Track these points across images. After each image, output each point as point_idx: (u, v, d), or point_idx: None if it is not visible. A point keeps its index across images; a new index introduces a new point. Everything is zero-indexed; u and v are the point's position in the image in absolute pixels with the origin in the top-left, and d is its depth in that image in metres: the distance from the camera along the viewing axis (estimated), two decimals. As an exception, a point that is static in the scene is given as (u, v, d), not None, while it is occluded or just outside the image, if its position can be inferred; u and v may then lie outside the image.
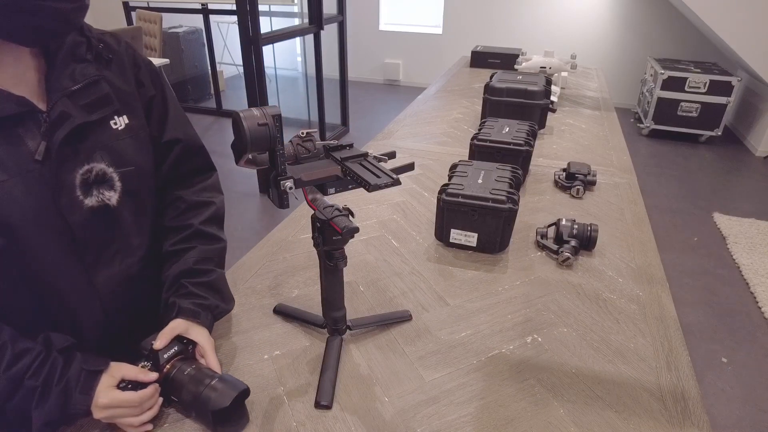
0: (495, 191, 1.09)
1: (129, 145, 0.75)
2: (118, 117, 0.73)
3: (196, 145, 0.90)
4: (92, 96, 0.69)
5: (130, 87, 0.76)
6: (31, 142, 0.63)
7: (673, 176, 3.92)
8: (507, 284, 1.04)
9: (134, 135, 0.76)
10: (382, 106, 5.57)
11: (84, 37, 0.70)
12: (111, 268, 0.76)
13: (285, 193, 0.69)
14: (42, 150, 0.63)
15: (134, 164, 0.76)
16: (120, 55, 0.76)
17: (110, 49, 0.74)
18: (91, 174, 0.69)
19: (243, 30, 2.96)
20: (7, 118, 0.61)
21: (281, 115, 0.67)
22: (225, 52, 6.17)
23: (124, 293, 0.78)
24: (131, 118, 0.75)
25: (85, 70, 0.69)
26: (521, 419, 0.73)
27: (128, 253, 0.78)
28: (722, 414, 1.87)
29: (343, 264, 0.76)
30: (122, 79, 0.75)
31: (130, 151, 0.75)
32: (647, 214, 1.34)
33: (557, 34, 5.53)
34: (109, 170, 0.71)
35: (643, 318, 0.95)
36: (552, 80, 2.01)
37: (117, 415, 0.66)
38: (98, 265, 0.74)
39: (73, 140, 0.67)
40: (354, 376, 0.80)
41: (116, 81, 0.74)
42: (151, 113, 0.81)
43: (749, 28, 3.96)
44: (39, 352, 0.64)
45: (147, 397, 0.67)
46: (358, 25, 6.15)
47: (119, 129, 0.73)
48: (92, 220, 0.71)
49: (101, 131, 0.71)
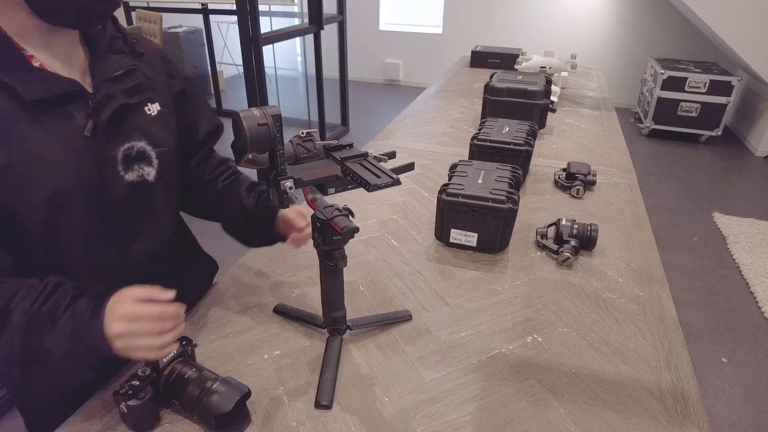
0: (495, 191, 1.09)
1: (160, 129, 0.81)
2: (151, 104, 0.80)
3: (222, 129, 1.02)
4: (130, 82, 0.76)
5: (160, 78, 0.84)
6: (81, 120, 0.69)
7: (673, 176, 3.92)
8: (507, 284, 1.04)
9: (164, 122, 0.82)
10: (382, 106, 5.57)
11: (120, 33, 0.78)
12: (141, 244, 0.81)
13: (285, 193, 0.69)
14: (90, 127, 0.69)
15: (167, 146, 0.82)
16: (150, 51, 0.84)
17: (142, 44, 0.82)
18: (133, 150, 0.76)
19: (243, 30, 2.96)
20: (61, 97, 0.67)
21: (281, 115, 0.67)
22: (225, 52, 6.17)
23: (149, 270, 0.82)
24: (162, 105, 0.82)
25: (122, 60, 0.76)
26: (521, 419, 0.73)
27: (158, 230, 0.84)
28: (722, 414, 1.87)
29: (343, 264, 0.76)
30: (153, 71, 0.82)
31: (161, 135, 0.81)
32: (647, 214, 1.34)
33: (557, 34, 5.53)
34: (147, 148, 0.78)
35: (643, 318, 0.95)
36: (552, 80, 2.01)
37: (135, 330, 0.64)
38: (130, 239, 0.79)
39: (116, 120, 0.73)
40: (354, 376, 0.80)
41: (148, 72, 0.81)
42: (184, 104, 0.88)
43: (749, 28, 3.96)
44: (45, 286, 0.66)
45: (168, 313, 0.66)
46: (358, 25, 6.15)
47: (152, 115, 0.80)
48: (130, 194, 0.76)
49: (138, 115, 0.77)
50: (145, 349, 0.65)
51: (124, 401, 0.66)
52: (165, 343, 0.65)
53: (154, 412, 0.70)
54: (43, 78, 0.66)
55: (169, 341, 0.66)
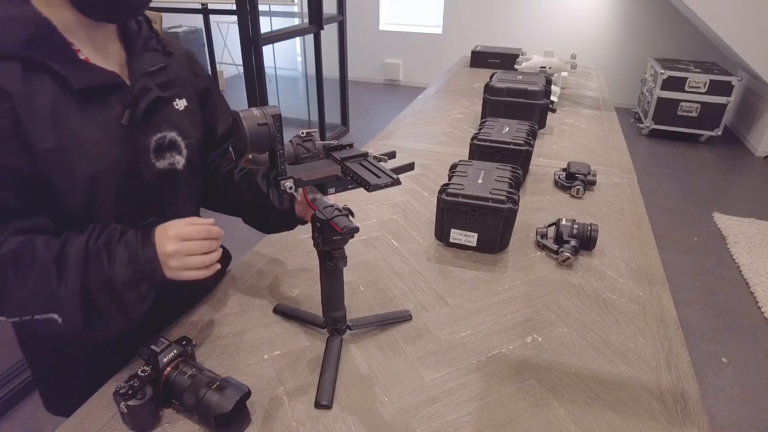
0: (495, 191, 1.09)
1: (187, 123, 0.86)
2: (179, 99, 0.85)
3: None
4: (163, 78, 0.82)
5: (187, 76, 0.90)
6: (118, 110, 0.75)
7: (673, 176, 3.92)
8: (507, 284, 1.04)
9: (191, 117, 0.88)
10: (382, 106, 5.57)
11: (154, 33, 0.85)
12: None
13: (285, 193, 0.69)
14: (127, 117, 0.75)
15: (194, 138, 0.88)
16: (179, 51, 0.90)
17: (172, 45, 0.88)
18: (165, 140, 0.82)
19: (243, 30, 2.96)
20: (104, 87, 0.73)
21: (281, 115, 0.67)
22: (225, 52, 6.17)
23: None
24: (188, 101, 0.87)
25: (156, 57, 0.83)
26: (521, 419, 0.73)
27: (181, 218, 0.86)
28: (722, 414, 1.87)
29: (343, 264, 0.76)
30: (182, 69, 0.88)
31: (188, 128, 0.87)
32: (647, 214, 1.34)
33: (557, 34, 5.53)
34: (178, 138, 0.84)
35: (643, 318, 0.95)
36: (552, 80, 2.01)
37: (187, 248, 0.71)
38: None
39: (150, 111, 0.78)
40: (354, 376, 0.80)
41: (177, 70, 0.87)
42: (206, 102, 0.94)
43: (749, 28, 3.96)
44: (93, 228, 0.72)
45: (213, 232, 0.74)
46: (358, 25, 6.15)
47: (179, 109, 0.85)
48: (160, 181, 0.82)
49: (168, 108, 0.83)
50: (196, 267, 0.72)
51: (124, 401, 0.66)
52: (213, 260, 0.73)
53: (154, 412, 0.70)
54: (89, 69, 0.71)
55: (215, 258, 0.74)
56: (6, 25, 0.65)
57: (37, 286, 0.65)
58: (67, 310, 0.67)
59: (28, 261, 0.65)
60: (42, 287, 0.65)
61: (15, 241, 0.66)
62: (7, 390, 1.78)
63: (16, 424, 1.73)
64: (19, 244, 0.66)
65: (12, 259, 0.65)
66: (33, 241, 0.67)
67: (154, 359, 0.70)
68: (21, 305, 0.66)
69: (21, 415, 1.76)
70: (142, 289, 0.71)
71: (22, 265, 0.65)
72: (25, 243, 0.66)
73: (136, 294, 0.70)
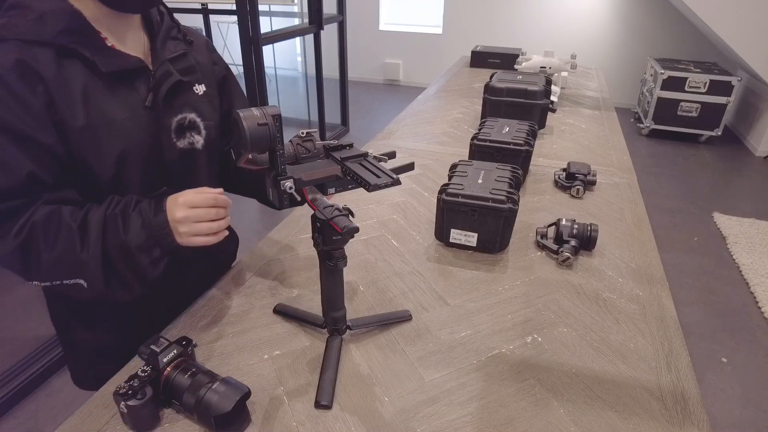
0: (495, 191, 1.09)
1: (206, 107, 0.92)
2: (198, 85, 0.91)
3: None
4: (184, 64, 0.88)
5: (207, 64, 0.95)
6: (142, 93, 0.81)
7: (673, 176, 3.93)
8: (507, 284, 1.04)
9: (209, 101, 0.93)
10: (382, 106, 5.57)
11: (175, 23, 0.91)
12: None
13: (285, 194, 0.69)
14: (150, 99, 0.81)
15: (212, 120, 0.93)
16: (199, 40, 0.95)
17: (192, 34, 0.94)
18: (186, 121, 0.87)
19: (243, 30, 2.96)
20: (129, 71, 0.79)
21: (281, 115, 0.67)
22: (225, 52, 6.17)
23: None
24: (207, 87, 0.93)
25: (177, 45, 0.88)
26: (521, 419, 0.73)
27: None
28: (722, 414, 1.87)
29: (343, 264, 0.76)
30: (201, 57, 0.94)
31: (207, 111, 0.92)
32: (647, 214, 1.34)
33: (557, 34, 5.53)
34: (197, 119, 0.90)
35: (643, 318, 0.95)
36: (552, 80, 2.01)
37: (196, 215, 0.77)
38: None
39: (171, 95, 0.84)
40: (354, 376, 0.80)
41: (197, 57, 0.93)
42: (224, 89, 1.00)
43: (749, 28, 3.96)
44: (113, 198, 0.79)
45: (221, 200, 0.79)
46: (358, 25, 6.15)
47: (199, 94, 0.91)
48: (181, 160, 0.88)
49: (189, 92, 0.89)
50: (204, 233, 0.78)
51: (124, 401, 0.66)
52: (222, 227, 0.79)
53: (154, 412, 0.70)
54: (115, 55, 0.77)
55: (223, 226, 0.79)
56: (43, 17, 0.71)
57: (63, 251, 0.72)
58: (90, 273, 0.74)
59: (56, 228, 0.72)
60: (68, 251, 0.72)
61: (45, 210, 0.73)
62: (7, 390, 1.78)
63: (16, 424, 1.73)
64: (48, 213, 0.72)
65: (42, 225, 0.72)
66: (60, 210, 0.73)
67: (154, 359, 0.70)
68: (51, 269, 0.73)
69: (21, 415, 1.76)
70: (155, 253, 0.77)
71: (51, 231, 0.72)
72: (54, 212, 0.73)
73: (149, 258, 0.77)
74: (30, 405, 1.80)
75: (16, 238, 0.70)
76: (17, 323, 0.77)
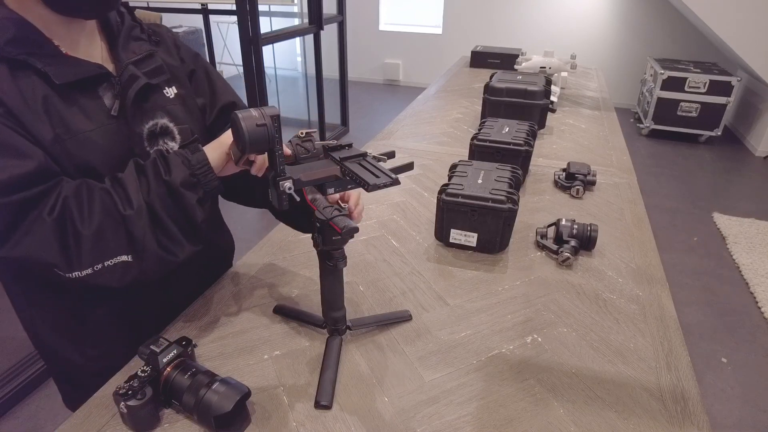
0: (495, 191, 1.09)
1: (180, 110, 0.86)
2: (168, 87, 0.85)
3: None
4: (150, 65, 0.82)
5: (176, 62, 0.89)
6: (108, 101, 0.76)
7: (673, 176, 3.93)
8: (507, 284, 1.04)
9: (183, 102, 0.87)
10: (382, 106, 5.57)
11: (137, 23, 0.85)
12: None
13: (284, 194, 0.69)
14: (117, 107, 0.76)
15: (187, 124, 0.87)
16: (165, 38, 0.89)
17: (157, 33, 0.88)
18: (157, 127, 0.82)
19: (243, 30, 2.96)
20: (89, 79, 0.73)
21: (280, 116, 0.67)
22: (225, 52, 6.17)
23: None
24: (179, 88, 0.87)
25: (141, 46, 0.82)
26: (521, 419, 0.73)
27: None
28: (722, 414, 1.87)
29: (343, 264, 0.76)
30: (170, 56, 0.88)
31: (181, 115, 0.86)
32: (647, 214, 1.34)
33: (557, 34, 5.53)
34: (170, 125, 0.84)
35: (643, 318, 0.95)
36: (552, 80, 2.01)
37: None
38: None
39: (139, 100, 0.79)
40: (354, 376, 0.80)
41: (165, 57, 0.86)
42: (196, 86, 0.93)
43: (749, 28, 3.96)
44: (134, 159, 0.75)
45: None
46: (358, 25, 6.15)
47: (170, 96, 0.85)
48: None
49: (159, 96, 0.83)
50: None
51: (124, 401, 0.66)
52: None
53: (154, 412, 0.70)
54: (71, 64, 0.71)
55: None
56: None
57: (103, 215, 0.68)
58: (136, 234, 0.69)
59: (89, 195, 0.68)
60: (108, 214, 0.68)
61: (71, 184, 0.69)
62: (7, 390, 1.78)
63: (16, 424, 1.73)
64: (77, 185, 0.69)
65: (75, 196, 0.68)
66: (86, 181, 0.70)
67: (154, 359, 0.70)
68: (93, 246, 0.67)
69: (21, 415, 1.76)
70: (199, 192, 0.74)
71: (84, 200, 0.68)
72: (81, 183, 0.69)
73: (196, 195, 0.73)
74: (30, 405, 1.80)
75: (51, 215, 0.65)
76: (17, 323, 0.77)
